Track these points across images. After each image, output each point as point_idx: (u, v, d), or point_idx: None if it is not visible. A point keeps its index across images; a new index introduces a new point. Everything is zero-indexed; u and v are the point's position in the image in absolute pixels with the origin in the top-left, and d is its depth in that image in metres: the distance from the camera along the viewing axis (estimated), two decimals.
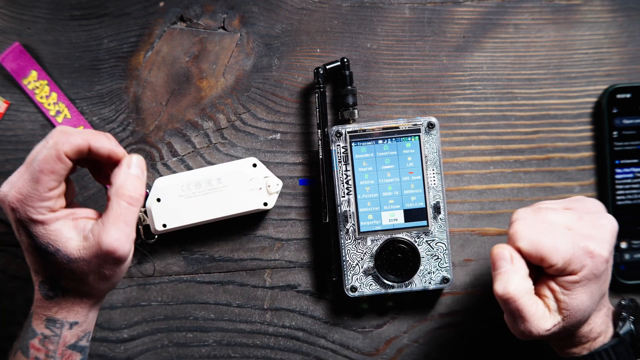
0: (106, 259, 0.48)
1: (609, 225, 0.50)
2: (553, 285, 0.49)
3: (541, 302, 0.49)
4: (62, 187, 0.49)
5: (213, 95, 0.61)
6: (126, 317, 0.61)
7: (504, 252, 0.49)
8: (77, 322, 0.51)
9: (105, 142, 0.50)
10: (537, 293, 0.50)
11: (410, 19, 0.61)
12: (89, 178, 0.61)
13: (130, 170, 0.50)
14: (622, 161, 0.60)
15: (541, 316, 0.49)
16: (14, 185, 0.48)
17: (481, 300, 0.61)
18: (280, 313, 0.61)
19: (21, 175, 0.48)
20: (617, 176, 0.60)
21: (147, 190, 0.60)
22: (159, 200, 0.57)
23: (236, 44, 0.61)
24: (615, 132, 0.60)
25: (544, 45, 0.62)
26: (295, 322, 0.61)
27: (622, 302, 0.52)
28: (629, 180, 0.60)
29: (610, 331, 0.51)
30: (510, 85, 0.62)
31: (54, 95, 0.60)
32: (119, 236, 0.48)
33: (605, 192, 0.61)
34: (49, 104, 0.60)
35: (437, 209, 0.58)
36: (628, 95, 0.60)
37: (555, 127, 0.62)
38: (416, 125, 0.58)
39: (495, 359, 0.61)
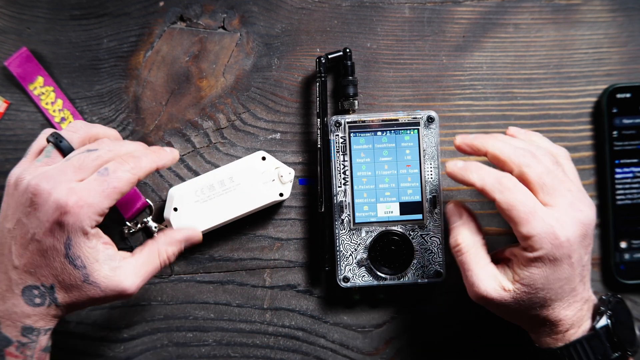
0: (117, 295, 0.50)
1: (585, 215, 0.49)
2: (515, 251, 0.50)
3: (492, 265, 0.51)
4: None
5: (213, 95, 0.61)
6: (126, 317, 0.61)
7: (454, 209, 0.53)
8: (51, 328, 0.51)
9: (168, 160, 0.54)
10: (500, 256, 0.52)
11: (410, 19, 0.62)
12: None
13: (181, 241, 0.54)
14: (622, 161, 0.60)
15: (489, 275, 0.50)
16: (74, 191, 0.48)
17: None
18: (280, 313, 0.61)
19: (82, 183, 0.49)
20: (617, 176, 0.60)
21: (150, 202, 0.60)
22: (175, 209, 0.57)
23: (236, 44, 0.61)
24: (615, 132, 0.60)
25: (544, 45, 0.62)
26: (295, 322, 0.61)
27: (603, 297, 0.52)
28: (628, 180, 0.60)
29: (587, 324, 0.51)
30: (510, 85, 0.62)
31: (60, 102, 0.60)
32: (139, 283, 0.51)
33: (605, 192, 0.61)
34: (54, 111, 0.60)
35: (433, 203, 0.58)
36: (628, 95, 0.60)
37: (555, 126, 0.62)
38: (415, 118, 0.58)
39: (496, 358, 0.61)
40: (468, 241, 0.52)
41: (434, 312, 0.61)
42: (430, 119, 0.58)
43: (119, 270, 0.50)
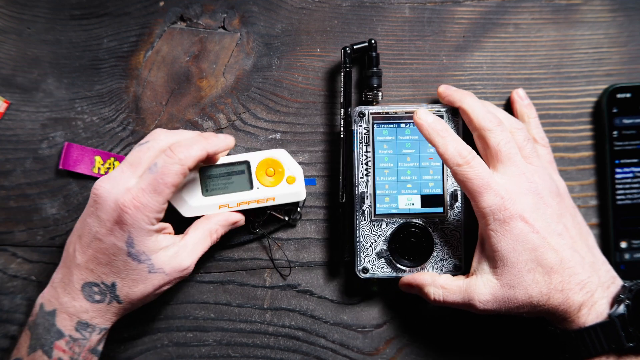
0: (179, 276, 0.53)
1: (536, 186, 0.52)
2: (478, 249, 0.54)
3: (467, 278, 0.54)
4: None
5: (213, 95, 0.61)
6: (126, 317, 0.60)
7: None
8: (106, 328, 0.52)
9: (220, 146, 0.54)
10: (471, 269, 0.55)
11: (410, 19, 0.62)
12: (89, 178, 0.61)
13: (231, 224, 0.57)
14: (622, 161, 0.60)
15: (477, 287, 0.53)
16: (130, 191, 0.49)
17: None
18: (280, 313, 0.61)
19: (136, 182, 0.50)
20: (617, 176, 0.60)
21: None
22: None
23: (236, 44, 0.61)
24: (615, 132, 0.60)
25: (544, 45, 0.62)
26: (295, 322, 0.61)
27: (625, 285, 0.52)
28: (629, 180, 0.60)
29: (604, 309, 0.50)
30: (510, 85, 0.62)
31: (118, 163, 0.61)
32: (196, 260, 0.54)
33: (605, 192, 0.61)
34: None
35: (454, 196, 0.58)
36: (628, 95, 0.60)
37: (555, 126, 0.62)
38: (439, 111, 0.58)
39: (497, 357, 0.61)
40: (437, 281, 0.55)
41: (434, 311, 0.61)
42: (454, 113, 0.58)
43: (179, 251, 0.52)
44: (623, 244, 0.60)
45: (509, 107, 0.61)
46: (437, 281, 0.54)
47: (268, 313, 0.61)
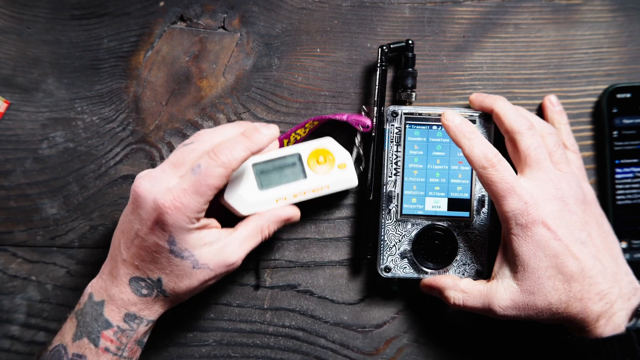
0: (225, 271, 0.52)
1: (562, 193, 0.52)
2: (500, 251, 0.54)
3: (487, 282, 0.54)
4: None
5: (213, 95, 0.61)
6: None
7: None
8: (153, 320, 0.53)
9: (263, 144, 0.52)
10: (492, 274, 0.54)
11: (410, 19, 0.62)
12: (89, 178, 0.61)
13: (284, 220, 0.55)
14: (622, 161, 0.60)
15: (496, 292, 0.53)
16: (171, 191, 0.49)
17: None
18: (280, 313, 0.61)
19: (178, 182, 0.49)
20: (617, 176, 0.60)
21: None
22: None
23: (236, 44, 0.61)
24: (615, 132, 0.60)
25: (544, 45, 0.62)
26: (295, 322, 0.61)
27: None
28: (629, 180, 0.60)
29: (622, 321, 0.50)
30: (510, 85, 0.62)
31: None
32: (243, 255, 0.53)
33: (605, 192, 0.61)
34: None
35: (481, 202, 0.58)
36: (628, 95, 0.60)
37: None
38: (472, 116, 0.58)
39: (497, 357, 0.61)
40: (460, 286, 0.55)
41: (434, 312, 0.61)
42: (487, 118, 0.58)
43: (225, 247, 0.52)
44: (623, 244, 0.60)
45: None
46: (458, 285, 0.54)
47: (268, 313, 0.61)
